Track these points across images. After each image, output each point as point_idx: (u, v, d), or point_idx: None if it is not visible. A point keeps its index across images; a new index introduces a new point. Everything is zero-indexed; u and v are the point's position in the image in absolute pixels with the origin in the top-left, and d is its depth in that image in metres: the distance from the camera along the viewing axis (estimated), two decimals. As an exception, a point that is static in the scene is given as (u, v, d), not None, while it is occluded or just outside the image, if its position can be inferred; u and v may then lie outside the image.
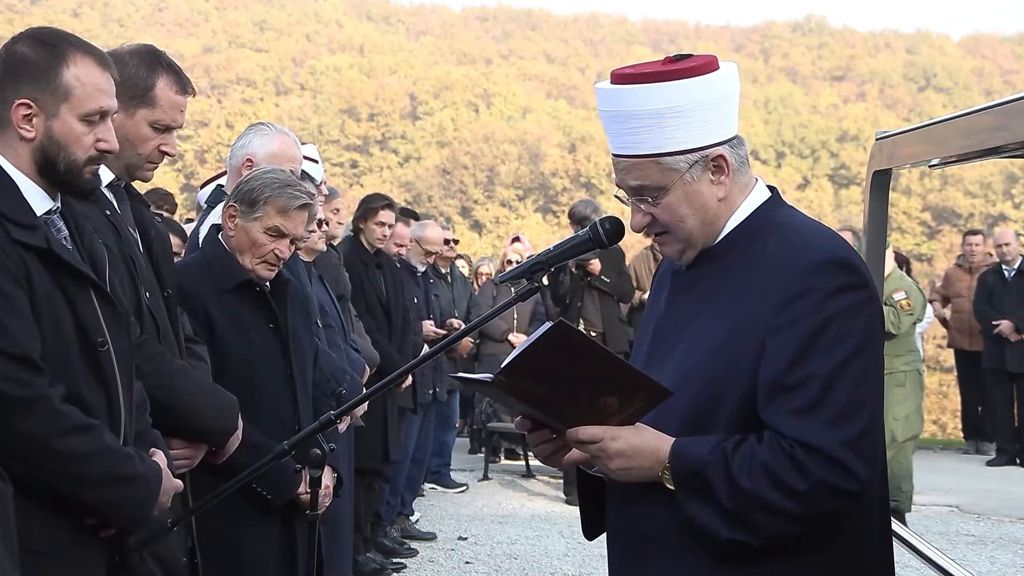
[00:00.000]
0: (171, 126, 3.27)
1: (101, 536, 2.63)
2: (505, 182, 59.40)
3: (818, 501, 2.17)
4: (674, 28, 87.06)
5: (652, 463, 2.23)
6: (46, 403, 2.46)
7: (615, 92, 2.31)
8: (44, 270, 2.52)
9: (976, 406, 12.63)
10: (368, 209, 7.27)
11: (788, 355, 2.17)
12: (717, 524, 2.19)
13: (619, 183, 2.37)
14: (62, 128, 2.61)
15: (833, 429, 2.15)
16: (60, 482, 2.50)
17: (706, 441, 2.21)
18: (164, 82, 3.25)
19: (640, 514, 2.33)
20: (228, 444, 3.37)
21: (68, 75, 2.60)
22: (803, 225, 2.33)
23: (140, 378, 3.06)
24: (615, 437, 2.23)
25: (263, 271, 3.82)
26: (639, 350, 2.48)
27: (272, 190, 3.78)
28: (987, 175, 55.63)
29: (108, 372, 2.62)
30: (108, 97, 2.66)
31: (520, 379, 2.22)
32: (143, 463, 2.66)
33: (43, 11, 68.59)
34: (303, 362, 3.93)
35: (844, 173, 61.24)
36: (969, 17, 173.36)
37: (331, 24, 79.94)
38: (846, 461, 2.15)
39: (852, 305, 2.20)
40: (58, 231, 2.64)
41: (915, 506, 8.97)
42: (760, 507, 2.17)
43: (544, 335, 2.16)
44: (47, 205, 2.63)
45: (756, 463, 2.17)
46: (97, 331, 2.59)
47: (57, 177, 2.63)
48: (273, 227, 3.77)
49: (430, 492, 9.94)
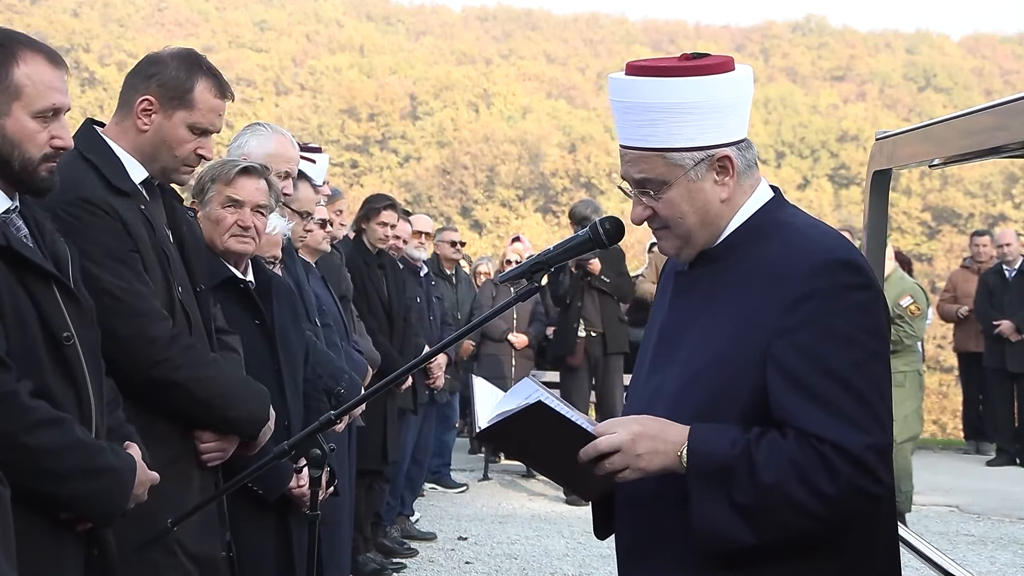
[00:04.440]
0: (209, 130, 3.27)
1: (78, 530, 2.63)
2: (505, 182, 59.37)
3: (845, 503, 2.16)
4: (674, 28, 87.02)
5: (674, 443, 2.20)
6: (13, 398, 2.47)
7: (629, 83, 2.30)
8: (4, 267, 2.53)
9: (977, 406, 12.64)
10: (371, 209, 7.27)
11: (802, 356, 2.17)
12: (738, 528, 2.16)
13: (623, 174, 2.36)
14: (15, 126, 2.61)
15: (856, 430, 2.15)
16: (31, 477, 2.50)
17: (728, 434, 2.18)
18: (203, 85, 3.25)
19: (647, 518, 2.32)
20: (260, 436, 3.38)
21: (19, 73, 2.61)
22: (807, 225, 2.33)
23: (174, 371, 3.08)
24: (637, 420, 2.23)
25: (236, 245, 3.83)
26: (644, 351, 2.48)
27: (213, 170, 3.86)
28: (987, 175, 55.59)
29: (75, 366, 2.63)
30: (60, 94, 2.67)
31: (498, 440, 2.31)
32: (116, 456, 2.67)
33: (43, 11, 68.58)
34: (291, 358, 3.93)
35: (844, 173, 61.22)
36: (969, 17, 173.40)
37: (331, 24, 79.91)
38: (871, 464, 2.15)
39: (862, 305, 2.20)
40: (17, 229, 2.64)
41: (915, 506, 8.97)
42: (786, 504, 2.15)
43: (521, 412, 2.19)
44: (5, 204, 2.64)
45: (783, 458, 2.14)
46: (62, 326, 2.61)
47: (13, 176, 2.64)
48: (225, 198, 3.82)
49: (430, 492, 9.94)
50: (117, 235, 3.06)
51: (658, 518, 2.30)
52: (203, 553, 3.18)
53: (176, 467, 3.12)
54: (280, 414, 3.79)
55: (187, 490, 3.16)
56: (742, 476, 2.15)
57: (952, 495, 10.31)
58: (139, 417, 2.99)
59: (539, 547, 8.12)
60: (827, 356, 2.16)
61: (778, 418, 2.19)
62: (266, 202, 3.92)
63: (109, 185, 3.11)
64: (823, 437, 2.14)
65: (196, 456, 3.26)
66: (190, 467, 3.22)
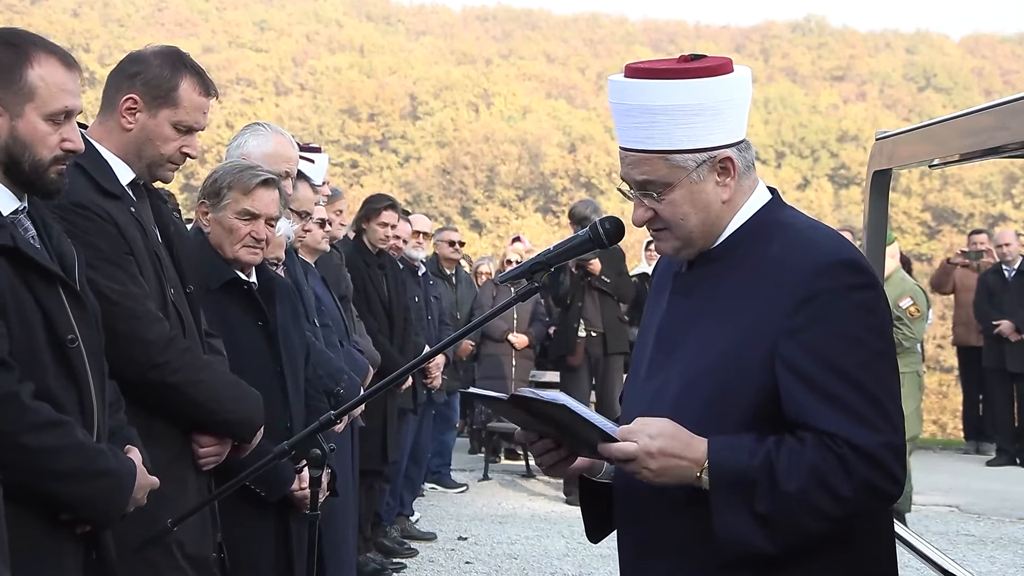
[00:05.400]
0: (193, 127, 3.28)
1: (77, 532, 2.63)
2: (505, 182, 59.36)
3: (861, 503, 2.17)
4: (674, 28, 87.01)
5: (691, 461, 2.19)
6: (15, 399, 2.47)
7: (629, 85, 2.30)
8: (11, 268, 2.53)
9: (977, 403, 12.64)
10: (371, 209, 7.28)
11: (810, 355, 2.17)
12: (758, 537, 2.16)
13: (624, 176, 2.36)
14: (27, 128, 2.61)
15: (870, 429, 2.15)
16: (31, 478, 2.50)
17: (747, 445, 2.18)
18: (188, 83, 3.25)
19: (649, 520, 2.32)
20: (253, 439, 3.39)
21: (32, 75, 2.60)
22: (808, 227, 2.33)
23: (172, 374, 3.08)
24: (654, 436, 2.20)
25: (246, 256, 3.82)
26: (641, 351, 2.47)
27: (232, 175, 3.81)
28: (987, 175, 55.58)
29: (79, 368, 2.63)
30: (73, 97, 2.67)
31: (525, 411, 2.28)
32: (116, 459, 2.67)
33: (43, 11, 68.58)
34: (293, 359, 3.93)
35: (844, 173, 61.21)
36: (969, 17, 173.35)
37: (331, 24, 79.90)
38: (887, 462, 2.16)
39: (867, 305, 2.21)
40: (25, 230, 2.64)
41: (915, 506, 8.97)
42: (806, 510, 2.15)
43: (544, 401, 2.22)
44: (13, 205, 2.64)
45: (805, 464, 2.15)
46: (67, 328, 2.60)
47: (23, 177, 2.63)
48: (242, 210, 3.79)
49: (430, 492, 9.94)
50: (111, 238, 3.06)
51: (660, 518, 2.30)
52: (198, 554, 3.18)
53: (173, 468, 3.13)
54: (282, 415, 3.80)
55: (183, 491, 3.16)
56: (764, 487, 2.15)
57: (952, 495, 10.31)
58: (136, 419, 2.99)
59: (539, 547, 8.12)
60: (835, 356, 2.17)
61: (792, 416, 2.19)
62: (278, 213, 3.94)
63: (99, 188, 3.11)
64: (838, 435, 2.14)
65: (192, 458, 3.26)
66: (186, 469, 3.23)
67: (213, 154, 56.19)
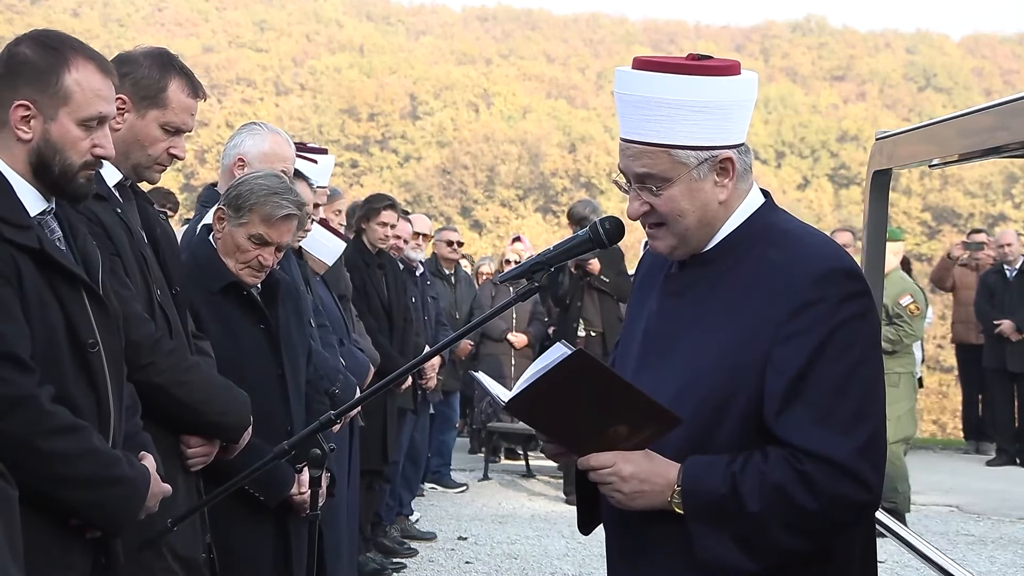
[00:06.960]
0: (181, 128, 3.28)
1: (88, 537, 2.63)
2: (505, 182, 59.37)
3: (832, 515, 2.19)
4: (674, 28, 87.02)
5: (663, 487, 2.23)
6: (33, 402, 2.46)
7: (638, 77, 2.29)
8: (36, 270, 2.52)
9: (977, 403, 12.64)
10: (371, 209, 7.27)
11: (798, 363, 2.18)
12: (740, 558, 2.20)
13: (623, 168, 2.35)
14: (59, 131, 2.61)
15: (844, 438, 2.17)
16: (45, 482, 2.49)
17: (716, 469, 2.21)
18: (176, 85, 3.26)
19: (637, 523, 2.32)
20: (240, 440, 3.38)
21: (69, 79, 2.60)
22: (806, 233, 2.34)
23: (158, 375, 3.08)
24: (628, 460, 2.24)
25: (247, 277, 3.80)
26: (627, 351, 2.47)
27: (258, 197, 3.74)
28: (987, 175, 55.60)
29: (98, 373, 2.62)
30: (107, 103, 2.66)
31: (529, 407, 2.25)
32: (131, 466, 2.66)
33: (43, 11, 68.58)
34: (295, 362, 3.92)
35: (844, 173, 61.24)
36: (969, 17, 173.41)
37: (331, 24, 79.90)
38: (859, 471, 2.17)
39: (859, 313, 2.22)
40: (51, 232, 2.64)
41: (915, 506, 8.97)
42: (779, 528, 2.18)
43: (561, 364, 2.17)
44: (41, 206, 2.63)
45: (768, 484, 2.18)
46: (88, 332, 2.60)
47: (51, 180, 2.63)
48: (256, 235, 3.75)
49: (430, 492, 9.94)
50: (98, 239, 3.06)
51: (646, 522, 2.31)
52: (188, 555, 3.18)
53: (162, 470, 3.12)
54: (283, 417, 3.79)
55: (173, 493, 3.16)
56: (732, 510, 2.19)
57: (952, 495, 10.31)
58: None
59: (539, 547, 8.12)
60: (825, 362, 2.18)
61: (768, 424, 2.21)
62: (290, 243, 3.93)
63: None
64: (808, 450, 2.17)
65: (180, 459, 3.26)
66: (175, 470, 3.21)
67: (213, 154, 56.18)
